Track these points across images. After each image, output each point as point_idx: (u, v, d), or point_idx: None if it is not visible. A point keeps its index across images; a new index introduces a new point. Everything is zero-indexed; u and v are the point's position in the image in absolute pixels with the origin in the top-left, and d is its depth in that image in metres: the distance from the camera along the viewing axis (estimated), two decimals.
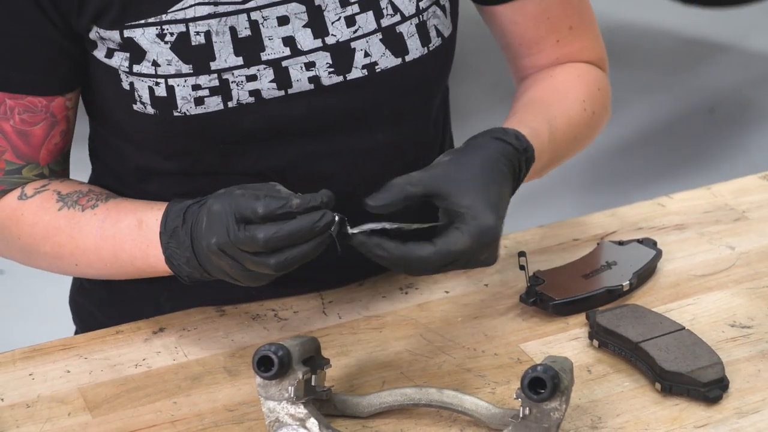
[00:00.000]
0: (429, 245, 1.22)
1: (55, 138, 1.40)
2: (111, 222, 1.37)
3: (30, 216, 1.40)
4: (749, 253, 1.55)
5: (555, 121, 1.43)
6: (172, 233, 1.30)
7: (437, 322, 1.43)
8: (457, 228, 1.23)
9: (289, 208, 1.21)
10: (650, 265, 1.49)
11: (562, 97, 1.48)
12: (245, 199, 1.23)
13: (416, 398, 1.26)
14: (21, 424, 1.28)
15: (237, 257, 1.23)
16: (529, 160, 1.34)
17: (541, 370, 1.15)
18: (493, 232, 1.23)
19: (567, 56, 1.52)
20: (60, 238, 1.39)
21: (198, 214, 1.27)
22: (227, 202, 1.24)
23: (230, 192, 1.25)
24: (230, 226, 1.22)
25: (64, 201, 1.39)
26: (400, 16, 1.38)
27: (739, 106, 4.20)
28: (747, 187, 1.69)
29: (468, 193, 1.24)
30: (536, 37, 1.51)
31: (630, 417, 1.27)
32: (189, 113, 1.35)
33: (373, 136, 1.42)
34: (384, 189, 1.25)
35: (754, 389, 1.30)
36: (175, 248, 1.30)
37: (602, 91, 1.53)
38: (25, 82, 1.37)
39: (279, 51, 1.35)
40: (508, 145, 1.31)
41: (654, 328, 1.35)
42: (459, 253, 1.22)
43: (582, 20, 1.52)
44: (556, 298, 1.42)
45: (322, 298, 1.47)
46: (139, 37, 1.33)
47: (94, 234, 1.37)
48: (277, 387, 1.20)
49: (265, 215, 1.21)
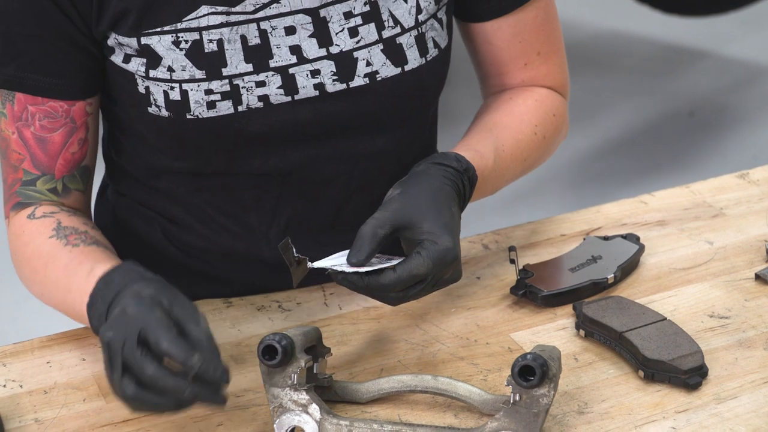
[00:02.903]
0: (391, 272, 1.21)
1: (72, 146, 1.39)
2: (74, 264, 1.31)
3: (27, 236, 1.38)
4: (727, 247, 1.55)
5: (503, 145, 1.43)
6: (106, 283, 1.22)
7: (432, 312, 1.43)
8: (418, 252, 1.23)
9: (188, 365, 1.08)
10: (633, 259, 1.49)
11: (515, 121, 1.48)
12: (159, 323, 1.11)
13: (412, 385, 1.26)
14: (39, 410, 1.28)
15: (111, 360, 1.12)
16: (471, 179, 1.34)
17: (530, 359, 1.15)
18: (451, 253, 1.23)
19: (532, 80, 1.52)
20: (37, 264, 1.36)
21: (116, 298, 1.18)
22: (144, 312, 1.13)
23: (150, 304, 1.14)
24: (130, 336, 1.11)
25: (57, 231, 1.36)
26: (400, 28, 1.38)
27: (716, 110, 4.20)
28: (724, 186, 1.69)
29: (427, 220, 1.25)
30: (506, 58, 1.50)
31: (614, 402, 1.27)
32: (201, 116, 1.35)
33: (374, 140, 1.42)
34: (358, 241, 1.23)
35: (732, 376, 1.30)
36: (100, 297, 1.22)
37: (557, 117, 1.53)
38: (48, 86, 1.36)
39: (286, 59, 1.35)
40: (448, 168, 1.32)
41: (637, 318, 1.35)
42: (422, 276, 1.22)
43: (551, 47, 1.52)
44: (544, 291, 1.42)
45: (324, 291, 1.47)
46: (156, 44, 1.33)
47: (61, 270, 1.33)
48: (281, 374, 1.20)
49: (163, 352, 1.10)
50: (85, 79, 1.38)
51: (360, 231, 1.24)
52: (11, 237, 1.41)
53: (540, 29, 1.50)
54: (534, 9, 1.48)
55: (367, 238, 1.23)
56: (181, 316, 1.13)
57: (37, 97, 1.36)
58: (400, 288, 1.22)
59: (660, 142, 3.98)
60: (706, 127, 4.07)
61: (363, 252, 1.22)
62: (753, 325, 1.39)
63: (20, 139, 1.37)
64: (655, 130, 4.07)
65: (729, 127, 4.08)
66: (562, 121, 1.55)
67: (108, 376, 1.13)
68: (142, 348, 1.10)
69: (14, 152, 1.38)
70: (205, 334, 1.12)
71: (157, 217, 1.49)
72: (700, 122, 4.11)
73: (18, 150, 1.38)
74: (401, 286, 1.22)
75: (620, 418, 1.24)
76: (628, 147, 3.96)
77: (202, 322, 1.13)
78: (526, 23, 1.48)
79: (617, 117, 4.14)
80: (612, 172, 3.79)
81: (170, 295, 1.16)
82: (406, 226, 1.25)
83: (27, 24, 1.33)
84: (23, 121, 1.37)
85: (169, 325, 1.11)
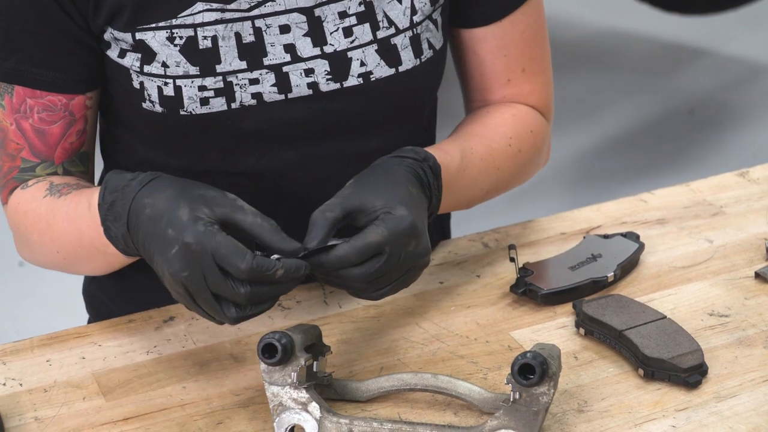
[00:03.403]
0: (345, 245, 1.20)
1: (71, 137, 1.39)
2: (73, 206, 1.32)
3: (23, 204, 1.38)
4: (726, 246, 1.54)
5: (472, 148, 1.42)
6: (109, 206, 1.24)
7: (432, 311, 1.43)
8: (374, 224, 1.21)
9: (272, 278, 1.16)
10: (633, 257, 1.49)
11: (489, 130, 1.46)
12: (229, 252, 1.15)
13: (412, 383, 1.25)
14: (38, 408, 1.28)
15: (198, 297, 1.17)
16: (433, 167, 1.31)
17: (530, 357, 1.15)
18: (407, 220, 1.21)
19: (514, 96, 1.51)
20: (41, 225, 1.36)
21: (161, 223, 1.19)
22: (209, 242, 1.15)
23: (213, 229, 1.16)
24: (208, 270, 1.15)
25: (50, 190, 1.36)
26: (395, 29, 1.38)
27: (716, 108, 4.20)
28: (724, 184, 1.69)
29: (379, 197, 1.23)
30: (490, 72, 1.49)
31: (614, 401, 1.27)
32: (194, 113, 1.35)
33: (368, 141, 1.42)
34: (311, 227, 1.22)
35: (732, 375, 1.30)
36: (112, 221, 1.24)
37: (535, 134, 1.51)
38: (48, 80, 1.36)
39: (280, 57, 1.35)
40: (404, 158, 1.30)
41: (637, 316, 1.35)
42: (378, 245, 1.19)
43: (536, 65, 1.51)
44: (544, 289, 1.42)
45: (324, 289, 1.47)
46: (151, 39, 1.33)
47: (63, 219, 1.33)
48: (281, 373, 1.19)
49: (245, 277, 1.15)
50: (86, 73, 1.38)
51: (311, 218, 1.22)
52: (10, 217, 1.41)
53: (526, 45, 1.49)
54: (522, 23, 1.47)
55: (318, 224, 1.21)
56: (227, 214, 1.18)
57: (36, 91, 1.36)
58: (356, 260, 1.19)
59: (660, 141, 3.98)
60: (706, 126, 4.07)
61: (315, 237, 1.20)
62: (753, 323, 1.39)
63: (18, 130, 1.37)
64: (655, 128, 4.07)
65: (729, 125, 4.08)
66: (542, 140, 1.52)
67: (190, 307, 1.20)
68: (224, 274, 1.15)
69: (12, 142, 1.38)
70: (259, 225, 1.18)
71: None
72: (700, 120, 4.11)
73: (16, 140, 1.38)
74: (357, 258, 1.19)
75: (620, 417, 1.24)
76: (627, 145, 3.96)
77: (246, 207, 1.19)
78: (513, 37, 1.47)
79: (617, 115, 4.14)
80: (612, 170, 3.79)
81: (195, 195, 1.20)
82: (358, 209, 1.23)
83: (28, 20, 1.33)
84: (21, 113, 1.37)
85: (235, 247, 1.15)
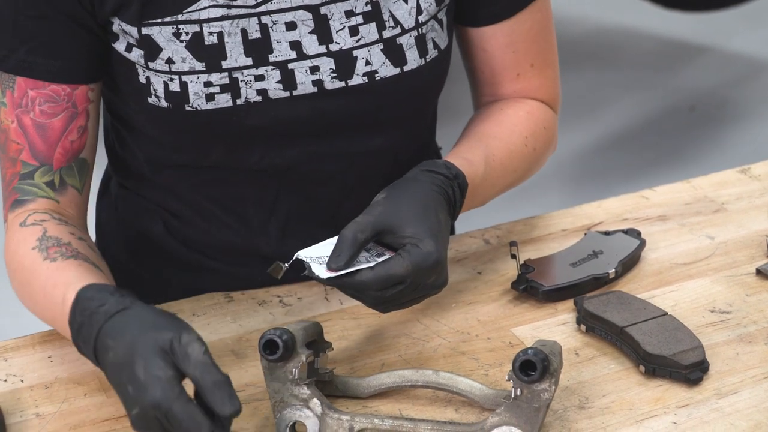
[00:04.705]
0: (368, 271, 1.21)
1: (72, 134, 1.39)
2: (50, 287, 1.28)
3: (15, 244, 1.35)
4: (728, 242, 1.54)
5: (493, 154, 1.43)
6: (78, 329, 1.19)
7: (433, 307, 1.42)
8: (400, 254, 1.22)
9: None
10: (634, 254, 1.49)
11: (506, 132, 1.47)
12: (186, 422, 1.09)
13: (413, 380, 1.25)
14: (40, 404, 1.28)
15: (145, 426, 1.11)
16: (461, 186, 1.33)
17: (531, 354, 1.15)
18: (432, 257, 1.22)
19: (524, 91, 1.51)
20: (22, 278, 1.34)
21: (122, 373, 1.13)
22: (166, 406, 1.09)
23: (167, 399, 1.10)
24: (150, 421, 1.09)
25: (40, 242, 1.32)
26: (401, 28, 1.38)
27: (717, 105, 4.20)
28: (725, 181, 1.69)
29: (410, 224, 1.24)
30: (499, 67, 1.50)
31: (615, 397, 1.26)
32: (200, 108, 1.35)
33: (372, 139, 1.42)
34: (339, 245, 1.23)
35: (733, 371, 1.30)
36: (82, 343, 1.20)
37: (547, 130, 1.52)
38: (52, 69, 1.35)
39: (286, 54, 1.35)
40: (438, 175, 1.31)
41: (638, 313, 1.35)
42: (400, 277, 1.21)
43: (544, 60, 1.52)
44: (545, 285, 1.42)
45: (325, 286, 1.46)
46: (157, 34, 1.33)
47: (40, 292, 1.30)
48: (282, 369, 1.19)
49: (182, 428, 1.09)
50: (91, 61, 1.37)
51: (341, 234, 1.23)
52: (6, 241, 1.40)
53: (534, 41, 1.49)
54: (530, 21, 1.48)
55: (348, 243, 1.23)
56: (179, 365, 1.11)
57: (39, 81, 1.35)
58: (377, 287, 1.21)
59: (661, 137, 3.98)
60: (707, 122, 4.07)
61: (342, 258, 1.22)
62: (754, 320, 1.38)
63: (19, 127, 1.37)
64: (656, 124, 4.07)
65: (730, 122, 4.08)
66: (552, 134, 1.54)
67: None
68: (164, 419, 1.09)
69: (13, 143, 1.38)
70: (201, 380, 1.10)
71: (159, 210, 1.49)
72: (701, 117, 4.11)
73: (16, 140, 1.37)
74: (378, 286, 1.21)
75: (621, 413, 1.24)
76: (629, 142, 3.96)
77: (193, 356, 1.10)
78: (521, 33, 1.48)
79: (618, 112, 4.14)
80: (613, 167, 3.79)
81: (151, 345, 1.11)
82: (388, 231, 1.25)
83: (33, 5, 1.32)
84: (23, 107, 1.36)
85: (192, 419, 1.08)
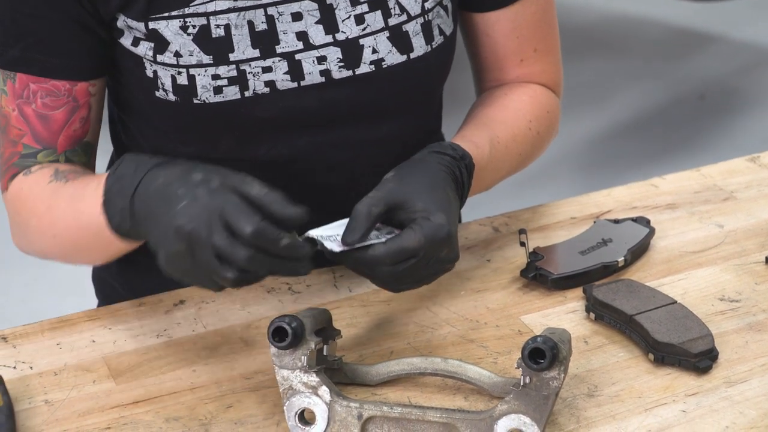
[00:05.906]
0: (381, 246, 1.21)
1: (74, 124, 1.39)
2: (80, 188, 1.31)
3: (26, 190, 1.36)
4: (737, 231, 1.54)
5: (498, 137, 1.43)
6: (117, 179, 1.22)
7: (442, 295, 1.42)
8: (411, 228, 1.22)
9: (276, 246, 1.13)
10: (644, 242, 1.49)
11: (511, 116, 1.48)
12: (237, 211, 1.13)
13: (422, 367, 1.25)
14: (49, 391, 1.28)
15: (199, 254, 1.14)
16: (468, 166, 1.34)
17: (540, 341, 1.14)
18: (444, 229, 1.22)
19: (527, 76, 1.52)
20: (41, 209, 1.35)
21: (172, 186, 1.17)
22: (219, 199, 1.14)
23: (224, 189, 1.15)
24: (215, 225, 1.12)
25: (56, 176, 1.35)
26: (407, 15, 1.38)
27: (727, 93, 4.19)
28: (735, 169, 1.68)
29: (420, 199, 1.24)
30: (503, 53, 1.51)
31: (624, 386, 1.26)
32: (208, 101, 1.35)
33: (379, 127, 1.42)
34: (353, 220, 1.22)
35: (742, 360, 1.30)
36: (115, 193, 1.22)
37: (551, 114, 1.53)
38: (52, 66, 1.35)
39: (293, 45, 1.35)
40: (445, 155, 1.32)
41: (647, 301, 1.35)
42: (413, 250, 1.21)
43: (547, 44, 1.52)
44: (554, 273, 1.42)
45: (334, 273, 1.47)
46: (164, 28, 1.33)
47: (64, 201, 1.32)
48: (291, 356, 1.19)
49: (250, 239, 1.12)
50: (91, 61, 1.37)
51: (355, 210, 1.23)
52: (9, 202, 1.39)
53: (538, 26, 1.50)
54: (533, 5, 1.49)
55: (362, 218, 1.22)
56: (238, 184, 1.15)
57: (40, 77, 1.35)
58: (389, 261, 1.21)
59: (670, 126, 3.97)
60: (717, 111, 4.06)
61: (358, 231, 1.22)
62: (763, 308, 1.38)
63: (21, 115, 1.36)
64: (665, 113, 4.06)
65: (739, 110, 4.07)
66: (555, 119, 1.55)
67: (186, 275, 1.17)
68: (229, 234, 1.12)
69: (14, 128, 1.37)
70: (275, 200, 1.14)
71: None
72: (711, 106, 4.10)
73: (18, 126, 1.37)
74: (390, 260, 1.21)
75: (630, 401, 1.24)
76: (638, 130, 3.96)
77: (277, 197, 1.15)
78: (524, 18, 1.49)
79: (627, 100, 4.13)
80: (622, 155, 3.79)
81: (209, 167, 1.19)
82: (399, 206, 1.24)
83: (35, 4, 1.32)
84: (24, 98, 1.36)
85: (245, 207, 1.13)
